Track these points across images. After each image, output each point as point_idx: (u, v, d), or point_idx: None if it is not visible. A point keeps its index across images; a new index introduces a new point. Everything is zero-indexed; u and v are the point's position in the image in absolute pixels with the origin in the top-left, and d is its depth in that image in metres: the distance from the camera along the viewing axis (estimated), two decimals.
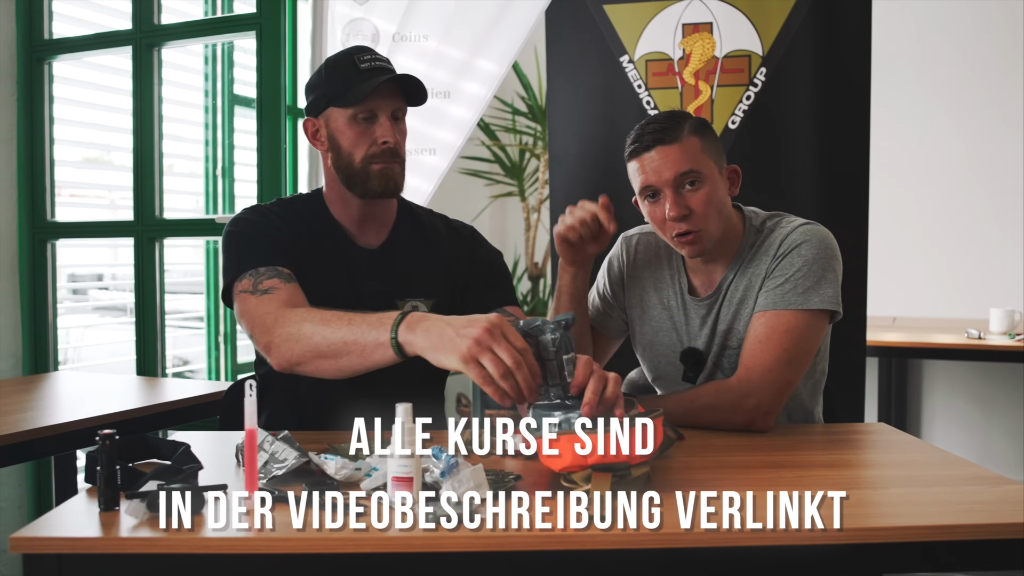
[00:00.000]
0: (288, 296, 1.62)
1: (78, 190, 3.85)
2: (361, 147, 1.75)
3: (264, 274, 1.65)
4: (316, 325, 1.51)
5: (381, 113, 1.75)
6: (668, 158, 1.72)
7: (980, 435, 4.07)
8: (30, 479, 3.15)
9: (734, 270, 1.81)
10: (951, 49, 4.06)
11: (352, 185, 1.77)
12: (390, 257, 1.84)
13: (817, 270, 1.72)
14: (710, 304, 1.84)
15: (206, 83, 3.66)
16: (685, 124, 1.76)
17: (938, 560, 1.18)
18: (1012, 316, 3.52)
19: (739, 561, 1.16)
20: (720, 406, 1.70)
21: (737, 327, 1.81)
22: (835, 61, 2.52)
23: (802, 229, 1.77)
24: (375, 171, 1.75)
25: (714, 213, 1.74)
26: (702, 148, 1.75)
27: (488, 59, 2.88)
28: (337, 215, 1.83)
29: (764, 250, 1.79)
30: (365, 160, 1.75)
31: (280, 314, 1.57)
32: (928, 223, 4.11)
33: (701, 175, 1.73)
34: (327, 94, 1.77)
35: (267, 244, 1.72)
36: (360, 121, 1.74)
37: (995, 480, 1.35)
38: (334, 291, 1.74)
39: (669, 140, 1.73)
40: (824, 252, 1.74)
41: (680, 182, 1.73)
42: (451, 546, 1.12)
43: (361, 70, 1.74)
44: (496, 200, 5.10)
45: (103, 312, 4.57)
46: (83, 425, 1.98)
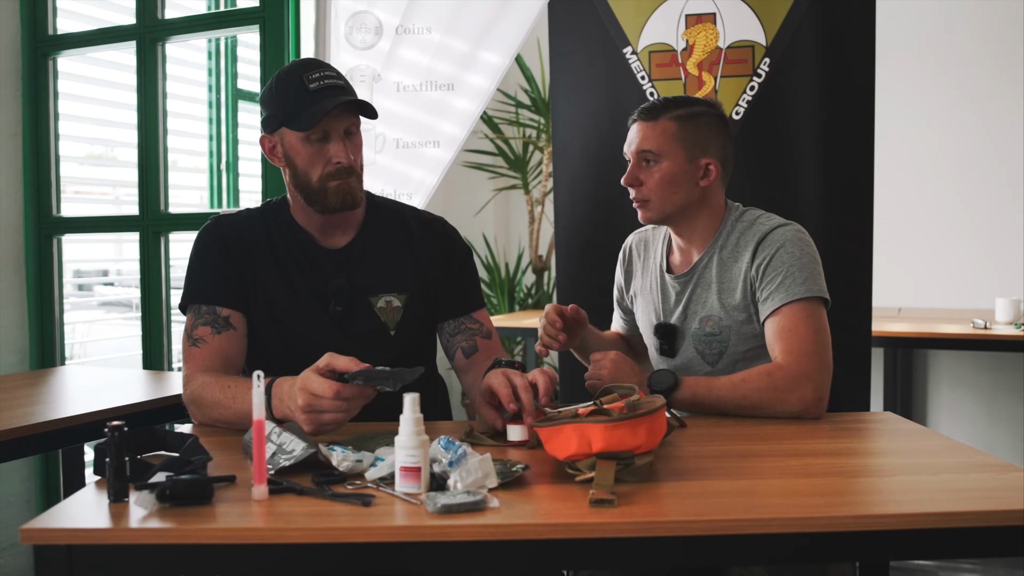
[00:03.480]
0: (213, 351, 1.76)
1: (83, 186, 3.86)
2: (316, 167, 1.77)
3: (202, 316, 1.79)
4: (211, 400, 1.66)
5: (334, 133, 1.76)
6: (639, 134, 1.92)
7: (986, 424, 4.07)
8: (38, 473, 3.16)
9: (710, 253, 1.93)
10: (955, 39, 4.05)
11: (311, 202, 1.80)
12: (356, 255, 1.86)
13: (807, 263, 1.82)
14: (684, 282, 1.95)
15: (210, 78, 3.67)
16: (674, 110, 1.91)
17: (944, 547, 1.19)
18: (1018, 306, 3.52)
19: (745, 549, 1.17)
20: (776, 387, 1.72)
21: (717, 315, 1.89)
22: (839, 51, 2.51)
23: (782, 231, 1.86)
24: (332, 188, 1.77)
25: (664, 191, 1.89)
26: (675, 133, 1.89)
27: (491, 51, 2.88)
28: (302, 223, 1.87)
29: (743, 241, 1.89)
30: (321, 179, 1.77)
31: (191, 379, 1.73)
32: (933, 213, 4.10)
33: (658, 156, 1.89)
34: (278, 114, 1.77)
35: (215, 281, 1.81)
36: (313, 142, 1.76)
37: (1001, 467, 1.36)
38: (302, 294, 1.82)
39: (647, 119, 1.92)
40: (807, 250, 1.84)
41: (641, 156, 1.91)
42: (459, 535, 1.13)
43: (310, 91, 1.73)
44: (500, 193, 5.10)
45: (108, 308, 4.58)
46: (91, 419, 1.98)
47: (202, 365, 1.74)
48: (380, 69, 2.96)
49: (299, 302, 1.81)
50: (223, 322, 1.78)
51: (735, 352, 1.89)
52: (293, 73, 1.77)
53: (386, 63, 2.96)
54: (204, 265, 1.83)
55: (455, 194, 4.68)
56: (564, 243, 2.78)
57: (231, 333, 1.78)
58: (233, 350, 1.78)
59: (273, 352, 1.81)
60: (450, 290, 1.91)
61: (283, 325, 1.81)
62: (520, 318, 4.28)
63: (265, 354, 1.81)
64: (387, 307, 1.84)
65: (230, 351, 1.77)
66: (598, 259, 2.16)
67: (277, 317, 1.81)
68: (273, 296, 1.81)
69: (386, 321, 1.84)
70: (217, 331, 1.77)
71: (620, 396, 1.46)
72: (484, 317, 1.95)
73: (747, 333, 1.87)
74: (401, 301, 1.85)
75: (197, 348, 1.76)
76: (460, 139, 2.93)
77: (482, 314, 1.95)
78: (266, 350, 1.82)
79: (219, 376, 1.70)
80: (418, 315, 1.87)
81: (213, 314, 1.78)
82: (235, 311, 1.79)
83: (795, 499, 1.24)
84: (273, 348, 1.82)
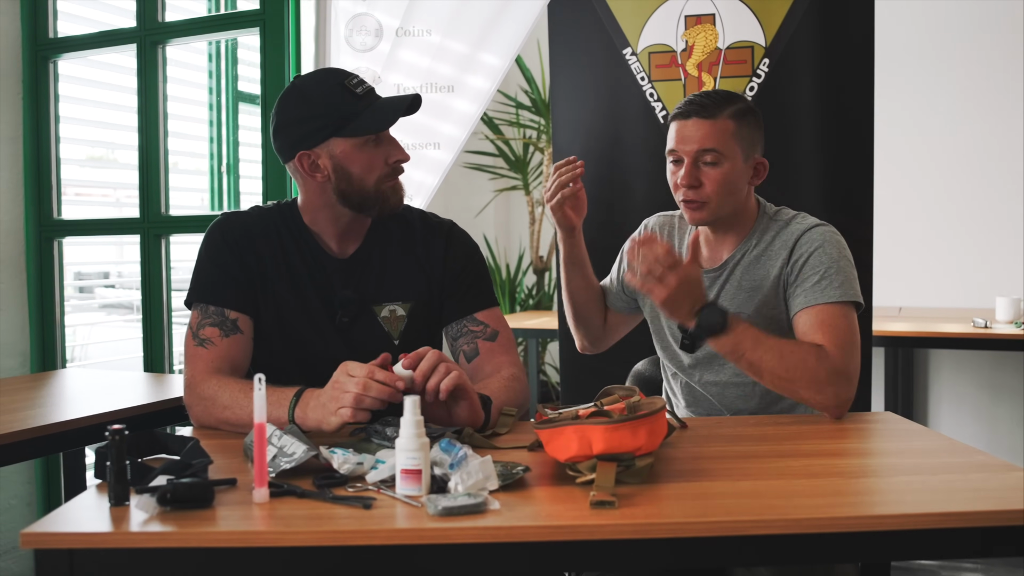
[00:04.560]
0: (220, 354, 1.74)
1: (83, 189, 3.86)
2: (375, 170, 1.77)
3: (210, 316, 1.77)
4: (227, 400, 1.65)
5: (384, 134, 1.78)
6: (698, 131, 1.83)
7: (987, 423, 4.07)
8: (39, 477, 3.16)
9: (743, 250, 1.90)
10: (954, 39, 4.05)
11: (367, 207, 1.79)
12: (363, 264, 1.85)
13: (845, 267, 1.81)
14: (714, 277, 1.92)
15: (210, 80, 3.67)
16: (729, 106, 1.85)
17: (945, 547, 1.19)
18: (1018, 305, 3.52)
19: (747, 550, 1.17)
20: (818, 373, 1.68)
21: (746, 312, 1.86)
22: (838, 51, 2.52)
23: (820, 230, 1.86)
24: (389, 188, 1.79)
25: (724, 193, 1.84)
26: (734, 132, 1.84)
27: (491, 53, 2.88)
28: (315, 230, 1.85)
29: (779, 240, 1.87)
30: (379, 181, 1.77)
31: (201, 379, 1.71)
32: (933, 213, 4.10)
33: (722, 156, 1.83)
34: (328, 125, 1.75)
35: (224, 282, 1.79)
36: (371, 146, 1.76)
37: (1002, 467, 1.36)
38: (308, 300, 1.81)
39: (706, 115, 1.84)
40: (844, 252, 1.84)
41: (700, 156, 1.83)
42: (460, 537, 1.13)
43: (359, 95, 1.74)
44: (500, 194, 5.11)
45: (109, 310, 4.58)
46: (92, 421, 1.98)
47: (210, 367, 1.73)
48: (380, 71, 2.96)
49: (305, 308, 1.80)
50: (231, 325, 1.77)
51: None
52: (326, 83, 1.76)
53: (386, 65, 2.96)
54: (214, 264, 1.81)
55: (456, 195, 4.68)
56: None
57: (238, 337, 1.77)
58: (240, 355, 1.77)
59: (276, 354, 1.81)
60: (452, 292, 1.88)
61: (288, 329, 1.81)
62: (521, 319, 4.28)
63: (267, 355, 1.81)
64: (391, 316, 1.83)
65: (237, 356, 1.76)
66: (599, 259, 2.16)
67: (283, 321, 1.81)
68: (280, 299, 1.81)
69: (389, 331, 1.83)
70: (225, 334, 1.76)
71: (620, 397, 1.46)
72: (491, 317, 1.88)
73: (777, 330, 1.84)
74: (405, 310, 1.84)
75: (204, 349, 1.75)
76: (461, 140, 2.93)
77: (488, 314, 1.88)
78: (269, 351, 1.82)
79: (234, 379, 1.71)
80: (423, 323, 1.86)
81: (221, 315, 1.77)
82: (242, 314, 1.78)
83: (796, 500, 1.24)
84: (276, 350, 1.81)
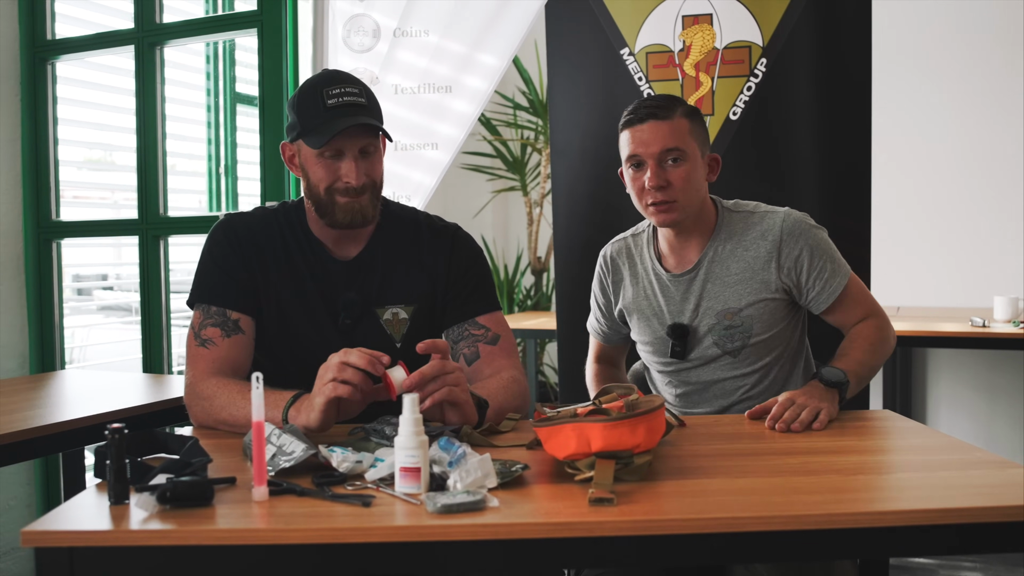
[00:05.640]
0: (222, 354, 1.75)
1: (81, 191, 3.86)
2: (324, 182, 1.76)
3: (212, 317, 1.77)
4: (224, 401, 1.66)
5: (347, 151, 1.74)
6: (658, 133, 1.87)
7: (985, 422, 4.08)
8: (38, 477, 3.16)
9: (713, 247, 1.94)
10: (952, 38, 4.05)
11: (322, 214, 1.79)
12: (367, 267, 1.85)
13: (829, 246, 1.93)
14: (689, 279, 1.95)
15: (208, 81, 3.67)
16: (679, 106, 1.91)
17: (943, 543, 1.19)
18: (1016, 304, 3.52)
19: (746, 547, 1.17)
20: (883, 334, 1.91)
21: (736, 306, 1.90)
22: (836, 51, 2.52)
23: (793, 218, 1.92)
24: (340, 204, 1.76)
25: (691, 190, 1.89)
26: (690, 130, 1.89)
27: (489, 53, 2.88)
28: (315, 231, 1.86)
29: (755, 231, 1.92)
30: (329, 193, 1.76)
31: (201, 379, 1.72)
32: (931, 212, 4.10)
33: (684, 153, 1.87)
34: (296, 126, 1.77)
35: (226, 282, 1.79)
36: (327, 158, 1.75)
37: (999, 464, 1.36)
38: (311, 301, 1.81)
39: (662, 116, 1.87)
40: (820, 232, 1.93)
41: (664, 156, 1.87)
42: (459, 535, 1.13)
43: (327, 107, 1.71)
44: (498, 195, 5.11)
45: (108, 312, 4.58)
46: (91, 422, 1.98)
47: (212, 367, 1.73)
48: (378, 72, 2.96)
49: (308, 310, 1.81)
50: (232, 325, 1.77)
51: (759, 340, 1.91)
52: (316, 86, 1.75)
53: (384, 66, 2.97)
54: (216, 265, 1.82)
55: (454, 196, 4.68)
56: (563, 244, 2.79)
57: (240, 338, 1.77)
58: (241, 355, 1.78)
59: (277, 355, 1.81)
60: (453, 296, 1.88)
61: (290, 330, 1.81)
62: (519, 319, 4.28)
63: (269, 356, 1.82)
64: (393, 319, 1.83)
65: (238, 356, 1.77)
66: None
67: (285, 321, 1.81)
68: (283, 300, 1.81)
69: (392, 333, 1.83)
70: (227, 334, 1.76)
71: (619, 395, 1.47)
72: (493, 320, 1.87)
73: (771, 319, 1.90)
74: (408, 313, 1.84)
75: (206, 349, 1.75)
76: (458, 141, 2.94)
77: (490, 317, 1.87)
78: (270, 351, 1.82)
79: (233, 380, 1.71)
80: (425, 327, 1.86)
81: (223, 316, 1.78)
82: (245, 315, 1.78)
83: (794, 497, 1.24)
84: (278, 351, 1.82)
